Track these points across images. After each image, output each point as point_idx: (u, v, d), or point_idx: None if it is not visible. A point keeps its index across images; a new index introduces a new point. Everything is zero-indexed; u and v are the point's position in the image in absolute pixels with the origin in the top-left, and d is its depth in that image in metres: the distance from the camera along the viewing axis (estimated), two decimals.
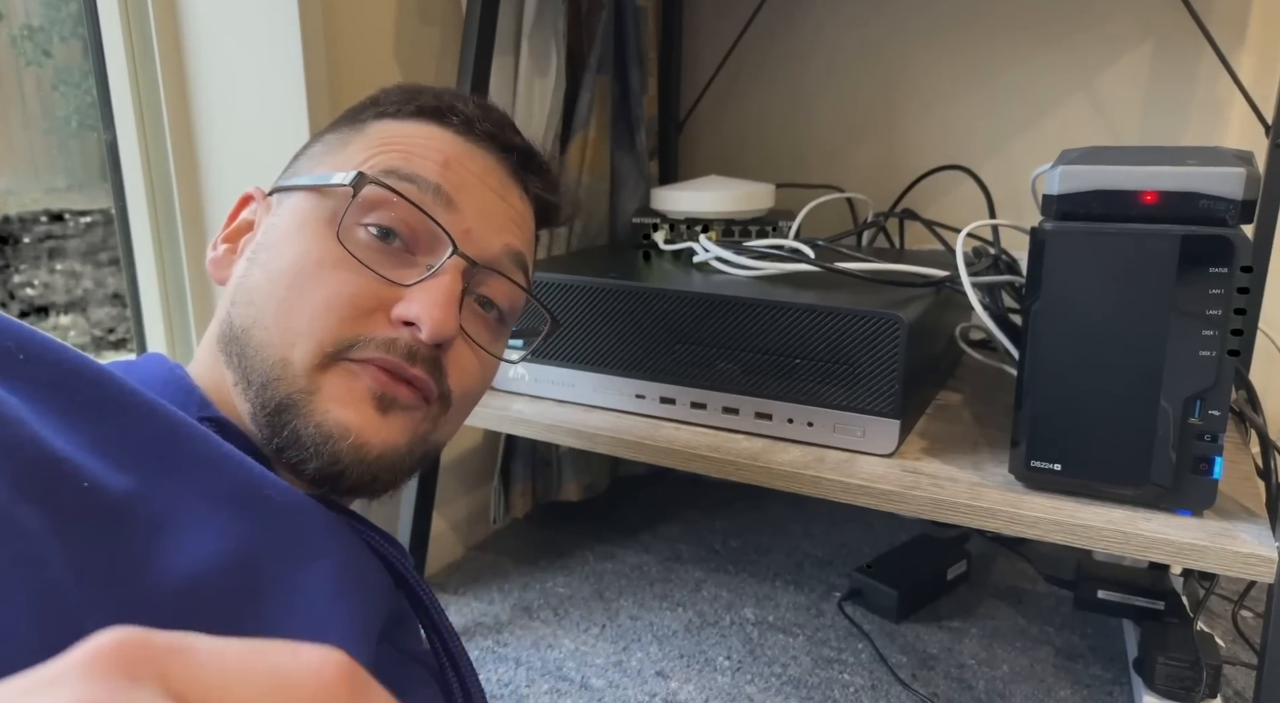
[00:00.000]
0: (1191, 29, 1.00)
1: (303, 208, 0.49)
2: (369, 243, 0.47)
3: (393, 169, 0.48)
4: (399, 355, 0.46)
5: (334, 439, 0.44)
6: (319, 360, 0.45)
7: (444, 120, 0.52)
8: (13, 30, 0.85)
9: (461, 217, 0.49)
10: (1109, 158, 0.59)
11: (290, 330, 0.45)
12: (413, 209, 0.47)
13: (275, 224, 0.49)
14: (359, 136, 0.51)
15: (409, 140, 0.50)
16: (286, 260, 0.47)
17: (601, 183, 1.12)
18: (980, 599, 1.03)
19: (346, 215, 0.47)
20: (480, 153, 0.52)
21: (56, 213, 0.91)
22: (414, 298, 0.46)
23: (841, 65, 1.25)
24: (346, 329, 0.45)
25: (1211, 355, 0.57)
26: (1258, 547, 0.57)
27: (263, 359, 0.45)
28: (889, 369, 0.69)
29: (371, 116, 0.53)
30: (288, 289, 0.46)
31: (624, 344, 0.80)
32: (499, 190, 0.52)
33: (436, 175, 0.49)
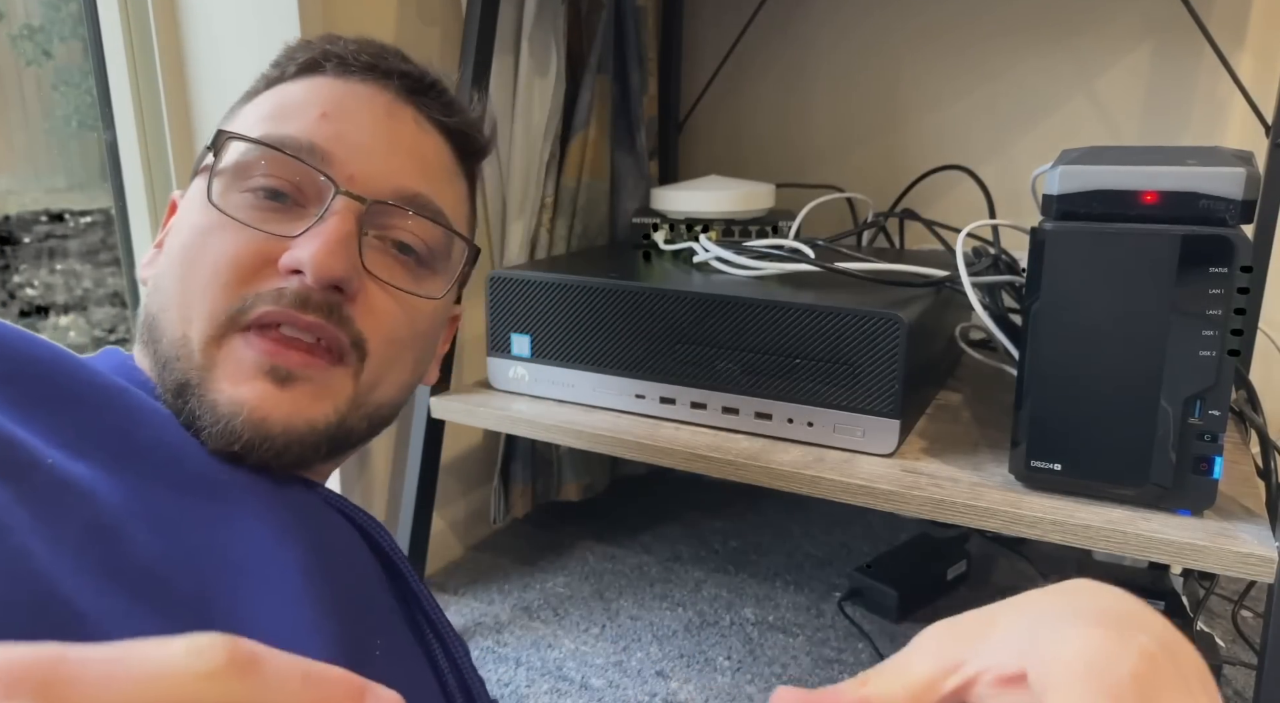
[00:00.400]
0: (1191, 29, 1.00)
1: (193, 190, 0.48)
2: (253, 203, 0.46)
3: (264, 134, 0.47)
4: (288, 304, 0.43)
5: (227, 417, 0.42)
6: (214, 332, 0.43)
7: (319, 69, 0.51)
8: (13, 30, 0.85)
9: (344, 163, 0.47)
10: (1109, 158, 0.59)
11: (186, 306, 0.44)
12: (287, 160, 0.46)
13: (176, 215, 0.50)
14: (244, 108, 0.51)
15: (284, 104, 0.49)
16: (181, 239, 0.46)
17: (601, 183, 1.12)
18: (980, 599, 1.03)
19: (214, 178, 0.46)
20: (359, 87, 0.50)
21: (56, 213, 0.91)
22: (299, 243, 0.44)
23: (841, 65, 1.25)
24: (234, 292, 0.44)
25: (1211, 355, 0.57)
26: (1258, 547, 0.57)
27: (169, 341, 0.45)
28: (889, 369, 0.69)
29: (262, 86, 0.52)
30: (180, 265, 0.45)
31: (624, 344, 0.80)
32: (385, 121, 0.49)
33: (310, 132, 0.47)
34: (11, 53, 0.85)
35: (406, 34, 0.97)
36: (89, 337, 0.95)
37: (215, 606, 0.36)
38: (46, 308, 0.92)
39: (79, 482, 0.35)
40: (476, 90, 0.90)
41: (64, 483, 0.34)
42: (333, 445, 0.46)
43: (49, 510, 0.33)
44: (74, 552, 0.33)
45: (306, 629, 0.38)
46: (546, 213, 1.07)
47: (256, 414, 0.42)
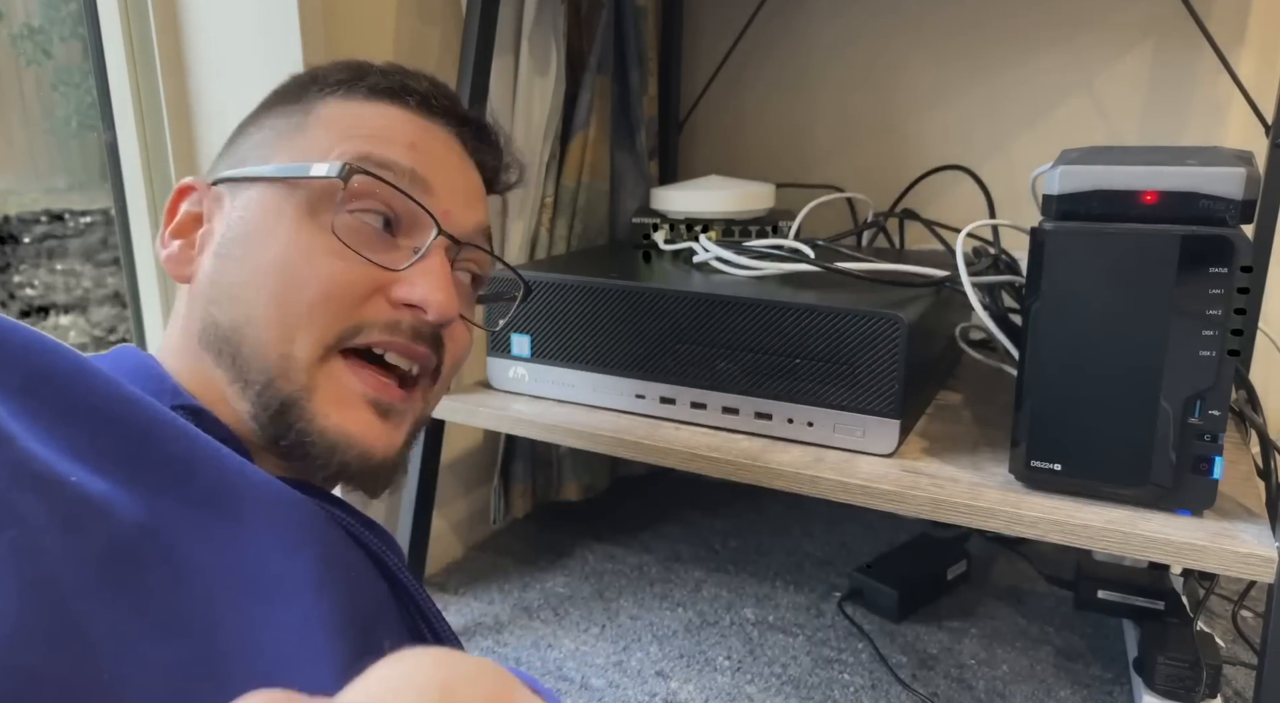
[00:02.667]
0: (1191, 29, 1.00)
1: (274, 199, 0.47)
2: (356, 229, 0.47)
3: (365, 155, 0.47)
4: (405, 337, 0.47)
5: (339, 451, 0.45)
6: (320, 352, 0.45)
7: (400, 100, 0.51)
8: (13, 30, 0.85)
9: (439, 198, 0.49)
10: (1109, 158, 0.59)
11: (288, 325, 0.45)
12: (396, 194, 0.47)
13: (244, 217, 0.48)
14: (311, 120, 0.50)
15: (370, 124, 0.49)
16: (272, 254, 0.46)
17: (601, 183, 1.12)
18: (980, 599, 1.03)
19: (338, 205, 0.46)
20: (439, 130, 0.52)
21: (56, 213, 0.91)
22: (414, 282, 0.47)
23: (841, 65, 1.25)
24: (347, 318, 0.45)
25: (1211, 355, 0.57)
26: (1258, 547, 0.57)
27: (261, 357, 0.45)
28: (889, 369, 0.69)
29: (317, 96, 0.51)
30: (280, 283, 0.45)
31: (624, 344, 0.80)
32: (462, 167, 0.53)
33: (409, 160, 0.48)
34: (11, 53, 0.85)
35: (406, 34, 0.97)
36: (89, 336, 0.95)
37: (225, 629, 0.36)
38: (46, 308, 0.92)
39: (98, 500, 0.35)
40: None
41: (86, 501, 0.34)
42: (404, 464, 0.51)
43: (74, 531, 0.33)
44: (96, 574, 0.33)
45: (314, 652, 0.38)
46: (546, 213, 1.07)
47: (364, 446, 0.46)
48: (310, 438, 0.44)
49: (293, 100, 0.52)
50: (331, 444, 0.45)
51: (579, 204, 1.09)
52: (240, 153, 0.51)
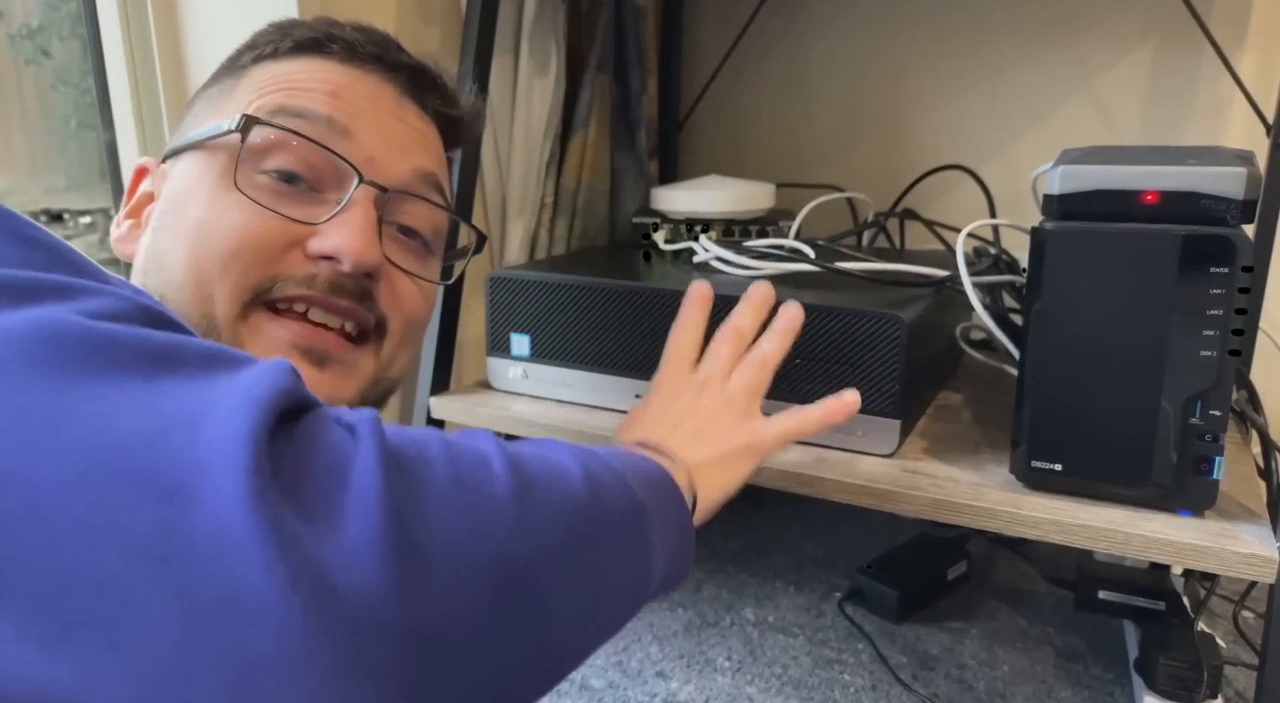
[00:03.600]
0: (1192, 29, 0.99)
1: (196, 165, 0.47)
2: (271, 187, 0.46)
3: (280, 107, 0.47)
4: (321, 289, 0.45)
5: None
6: (238, 309, 0.44)
7: (325, 50, 0.50)
8: (12, 30, 0.85)
9: (360, 144, 0.47)
10: (1110, 157, 0.59)
11: (204, 283, 0.44)
12: (308, 144, 0.46)
13: (175, 188, 0.48)
14: (238, 83, 0.49)
15: (291, 77, 0.48)
16: (190, 216, 0.45)
17: (601, 183, 1.12)
18: (981, 600, 1.03)
19: (241, 161, 0.46)
20: (367, 77, 0.50)
21: (56, 213, 0.91)
22: (328, 231, 0.45)
23: (842, 65, 1.24)
24: (260, 271, 0.44)
25: (1212, 355, 0.57)
26: (1259, 547, 0.57)
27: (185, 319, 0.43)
28: (889, 369, 0.69)
29: (250, 61, 0.51)
30: (195, 243, 0.45)
31: (624, 344, 0.80)
32: (394, 112, 0.50)
33: (326, 107, 0.47)
34: (11, 52, 0.85)
35: (406, 34, 0.97)
36: None
37: None
38: None
39: None
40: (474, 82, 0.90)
41: None
42: None
43: None
44: None
45: None
46: (546, 213, 1.07)
47: None
48: None
49: (228, 69, 0.51)
50: None
51: (579, 204, 1.09)
52: (183, 126, 0.51)
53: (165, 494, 0.24)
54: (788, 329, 0.57)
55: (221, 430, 0.25)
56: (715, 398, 0.52)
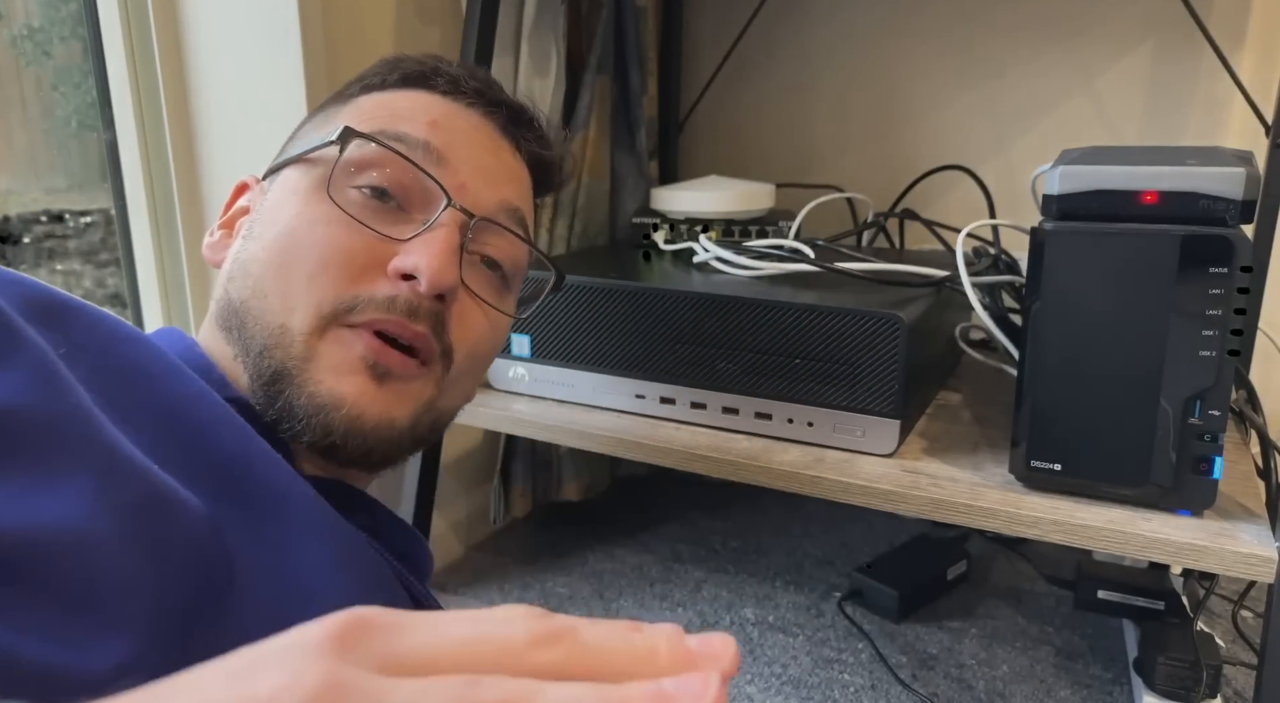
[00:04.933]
0: (1191, 29, 1.00)
1: (292, 179, 0.49)
2: (362, 201, 0.46)
3: (379, 130, 0.48)
4: (400, 313, 0.45)
5: (327, 409, 0.43)
6: (317, 323, 0.44)
7: (429, 84, 0.52)
8: (13, 30, 0.85)
9: (454, 171, 0.48)
10: (1109, 158, 0.59)
11: (288, 294, 0.44)
12: (404, 164, 0.47)
13: (269, 200, 0.49)
14: (344, 109, 0.51)
15: (395, 105, 0.50)
16: (280, 227, 0.46)
17: (601, 183, 1.12)
18: (980, 599, 1.03)
19: (335, 173, 0.46)
20: (468, 111, 0.52)
21: (56, 213, 0.91)
22: (411, 250, 0.45)
23: (841, 65, 1.25)
24: (344, 289, 0.44)
25: (1211, 355, 0.57)
26: (1258, 547, 0.57)
27: (261, 327, 0.45)
28: (889, 369, 0.69)
29: (357, 91, 0.52)
30: (282, 253, 0.45)
31: (624, 344, 0.80)
32: (490, 146, 0.51)
33: (425, 133, 0.48)
34: (11, 53, 0.85)
35: (406, 34, 0.97)
36: None
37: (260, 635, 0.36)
38: None
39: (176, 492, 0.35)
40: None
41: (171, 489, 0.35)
42: (405, 447, 0.48)
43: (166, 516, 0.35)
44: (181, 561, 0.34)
45: None
46: (546, 213, 1.07)
47: (355, 410, 0.43)
48: (299, 401, 0.43)
49: (336, 99, 0.53)
50: (319, 404, 0.43)
51: (579, 204, 1.09)
52: (286, 148, 0.53)
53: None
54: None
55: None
56: None
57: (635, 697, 0.20)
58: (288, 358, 0.44)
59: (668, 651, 0.22)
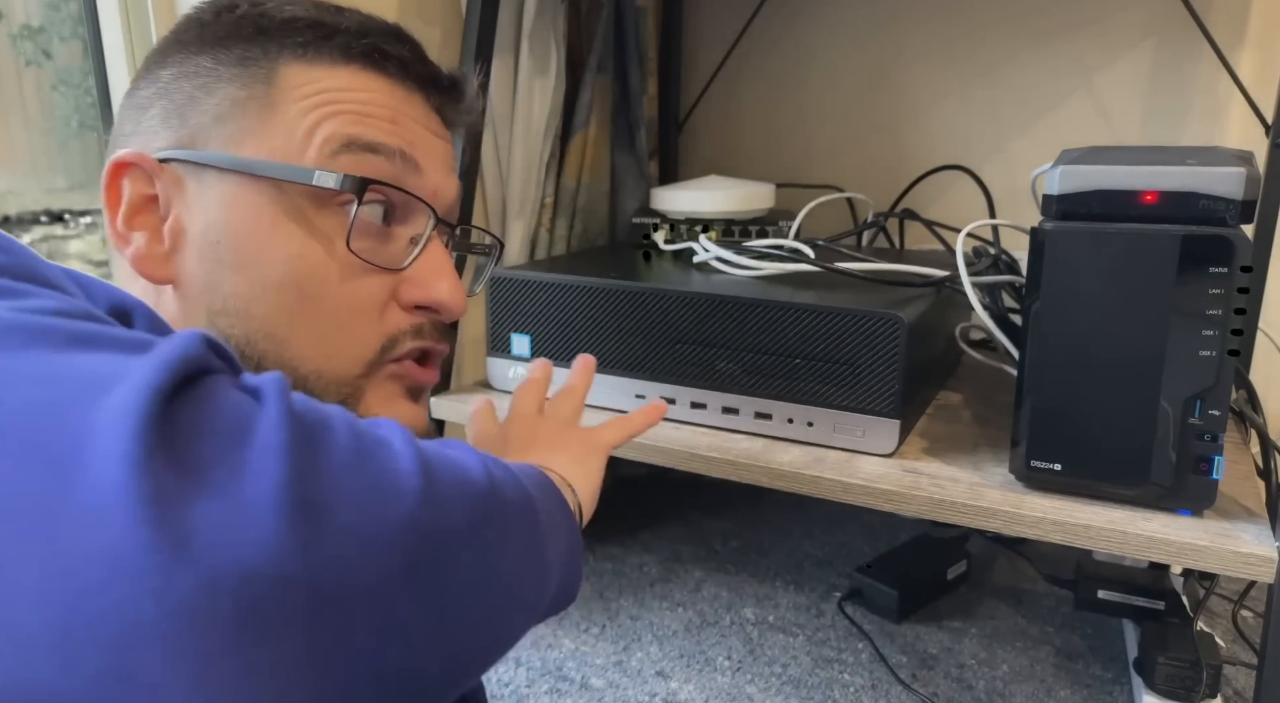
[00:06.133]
0: (1191, 29, 1.00)
1: (261, 199, 0.43)
2: (360, 231, 0.44)
3: (349, 139, 0.44)
4: (431, 340, 0.48)
5: None
6: (362, 370, 0.45)
7: (378, 66, 0.46)
8: (13, 30, 0.85)
9: (426, 176, 0.47)
10: (1109, 158, 0.59)
11: (315, 342, 0.44)
12: (394, 191, 0.45)
13: (227, 218, 0.43)
14: (278, 92, 0.44)
15: (348, 97, 0.45)
16: (279, 269, 0.43)
17: (601, 183, 1.12)
18: (980, 599, 1.03)
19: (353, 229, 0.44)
20: (416, 97, 0.49)
21: (56, 213, 0.91)
22: (422, 282, 0.46)
23: (842, 65, 1.25)
24: (376, 335, 0.46)
25: (1211, 355, 0.57)
26: (1258, 547, 0.57)
27: (294, 372, 0.44)
28: (889, 369, 0.69)
29: (276, 54, 0.45)
30: (297, 301, 0.43)
31: (624, 344, 0.80)
32: (435, 130, 0.50)
33: (394, 138, 0.45)
34: (11, 53, 0.85)
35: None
36: None
37: None
38: None
39: None
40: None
41: None
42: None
43: None
44: None
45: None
46: (546, 213, 1.07)
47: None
48: None
49: (246, 59, 0.45)
50: None
51: (579, 204, 1.09)
52: (189, 121, 0.44)
53: (53, 460, 0.24)
54: (586, 368, 0.61)
55: (121, 397, 0.25)
56: (538, 423, 0.56)
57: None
58: (341, 397, 0.45)
59: None
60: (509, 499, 0.34)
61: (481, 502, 0.32)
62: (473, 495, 0.32)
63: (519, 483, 0.36)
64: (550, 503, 0.40)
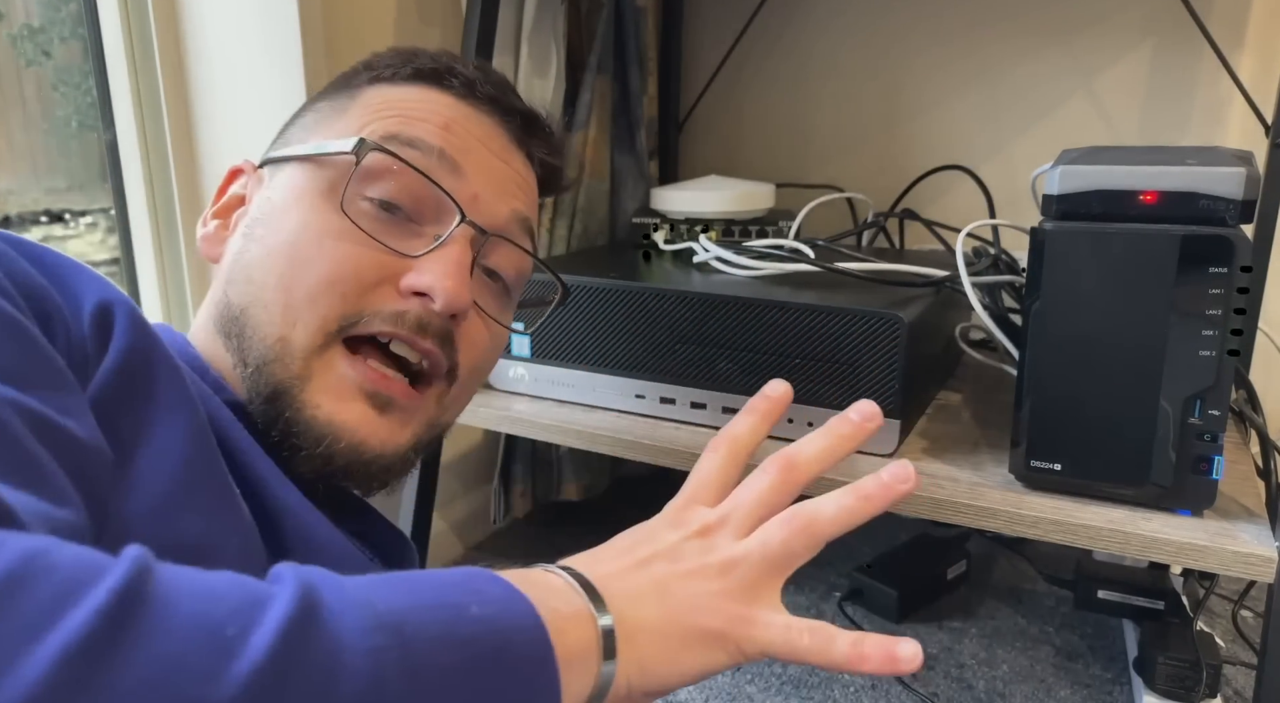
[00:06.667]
0: (1191, 29, 1.00)
1: (299, 179, 0.46)
2: (372, 214, 0.45)
3: (393, 134, 0.46)
4: (408, 328, 0.44)
5: (329, 440, 0.42)
6: (321, 341, 0.43)
7: (443, 83, 0.50)
8: (13, 30, 0.85)
9: (467, 182, 0.47)
10: (1109, 158, 0.59)
11: (291, 307, 0.43)
12: (417, 176, 0.45)
13: (270, 197, 0.47)
14: (353, 103, 0.49)
15: (407, 104, 0.48)
16: (284, 234, 0.45)
17: (601, 183, 1.12)
18: (980, 599, 1.03)
19: (349, 185, 0.45)
20: (481, 116, 0.50)
21: (56, 213, 0.91)
22: (424, 268, 0.44)
23: (842, 65, 1.25)
24: (351, 304, 0.43)
25: (1211, 355, 0.57)
26: (1257, 547, 0.57)
27: (260, 339, 0.43)
28: (889, 369, 0.69)
29: (365, 81, 0.50)
30: (287, 264, 0.44)
31: (624, 344, 0.80)
32: (502, 155, 0.50)
33: (439, 139, 0.47)
34: (11, 53, 0.85)
35: (406, 34, 0.97)
36: None
37: None
38: None
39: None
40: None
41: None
42: (408, 466, 0.48)
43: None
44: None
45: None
46: (546, 213, 1.07)
47: (355, 438, 0.43)
48: (298, 427, 0.42)
49: (343, 85, 0.51)
50: (319, 434, 0.42)
51: (579, 204, 1.09)
52: (288, 134, 0.51)
53: None
54: (882, 492, 0.44)
55: None
56: (714, 551, 0.39)
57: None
58: (287, 375, 0.43)
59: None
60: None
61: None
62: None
63: (369, 668, 0.23)
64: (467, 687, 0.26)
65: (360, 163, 0.45)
